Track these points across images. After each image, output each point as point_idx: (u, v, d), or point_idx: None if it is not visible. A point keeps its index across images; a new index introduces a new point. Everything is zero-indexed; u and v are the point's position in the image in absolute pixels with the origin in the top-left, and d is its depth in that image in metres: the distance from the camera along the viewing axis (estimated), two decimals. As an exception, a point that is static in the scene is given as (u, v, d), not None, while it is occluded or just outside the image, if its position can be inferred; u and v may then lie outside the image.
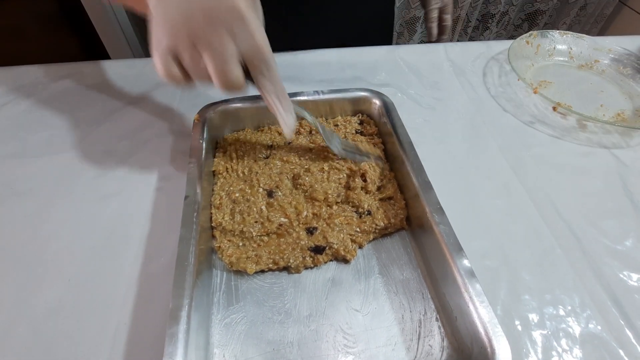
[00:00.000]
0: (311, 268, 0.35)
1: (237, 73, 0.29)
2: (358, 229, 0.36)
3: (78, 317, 0.31)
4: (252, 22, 0.27)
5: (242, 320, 0.31)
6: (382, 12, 0.70)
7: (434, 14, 0.72)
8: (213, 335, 0.30)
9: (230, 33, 0.27)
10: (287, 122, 0.34)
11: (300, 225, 0.36)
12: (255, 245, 0.35)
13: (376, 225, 0.37)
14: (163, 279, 0.33)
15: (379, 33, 0.70)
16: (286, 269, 0.35)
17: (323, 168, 0.40)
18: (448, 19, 0.74)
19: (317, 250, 0.35)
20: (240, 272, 0.34)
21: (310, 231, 0.36)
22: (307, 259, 0.35)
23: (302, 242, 0.35)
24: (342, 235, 0.36)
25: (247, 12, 0.27)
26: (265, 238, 0.36)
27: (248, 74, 0.31)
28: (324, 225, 0.36)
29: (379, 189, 0.39)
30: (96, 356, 0.29)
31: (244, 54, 0.29)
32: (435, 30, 0.73)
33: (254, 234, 0.35)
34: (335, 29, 0.62)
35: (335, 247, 0.35)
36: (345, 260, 0.35)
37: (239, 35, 0.27)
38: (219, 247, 0.35)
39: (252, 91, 0.46)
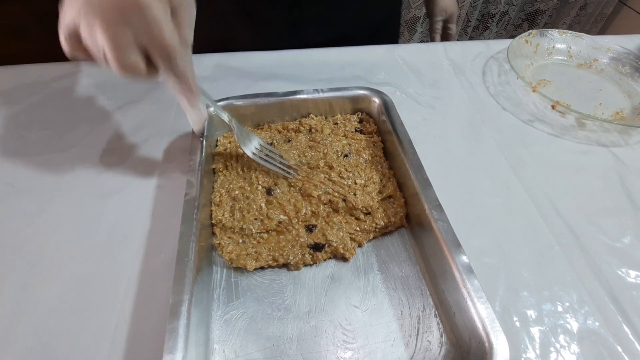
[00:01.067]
0: (310, 265, 0.35)
1: (133, 60, 0.28)
2: (358, 228, 0.36)
3: (79, 314, 0.32)
4: (153, 13, 0.27)
5: (242, 317, 0.32)
6: (389, 12, 0.70)
7: (438, 25, 0.73)
8: (213, 331, 0.31)
9: (126, 21, 0.26)
10: (192, 118, 0.33)
11: (300, 223, 0.36)
12: (255, 242, 0.35)
13: (376, 224, 0.37)
14: (163, 276, 0.33)
15: (386, 32, 0.71)
16: (285, 265, 0.35)
17: (319, 165, 0.40)
18: (453, 28, 0.75)
19: (317, 247, 0.35)
20: (240, 269, 0.34)
21: (309, 229, 0.36)
22: (307, 256, 0.35)
23: (302, 240, 0.35)
24: (341, 234, 0.36)
25: (150, 2, 0.26)
26: (265, 235, 0.36)
27: None
28: (323, 223, 0.37)
29: (379, 191, 0.39)
30: (97, 352, 0.29)
31: (144, 46, 0.28)
32: (438, 39, 0.73)
33: (254, 231, 0.35)
34: (342, 28, 0.62)
35: (335, 245, 0.35)
36: (345, 259, 0.36)
37: (136, 26, 0.27)
38: (219, 244, 0.35)
39: (251, 90, 0.46)
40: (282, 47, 0.60)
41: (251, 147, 0.39)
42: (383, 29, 0.70)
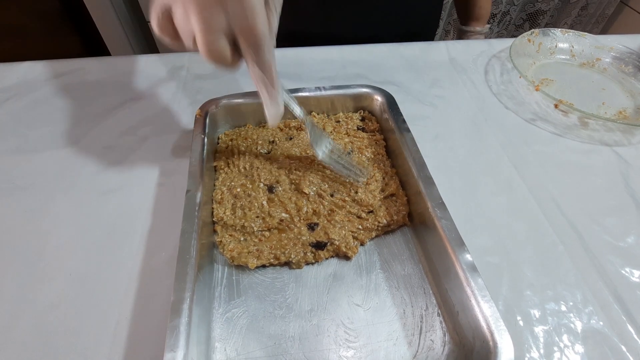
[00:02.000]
0: (312, 264, 0.35)
1: (221, 46, 0.28)
2: (360, 227, 0.36)
3: (79, 312, 0.31)
4: (253, 4, 0.26)
5: (243, 315, 0.31)
6: (426, 19, 0.71)
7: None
8: (214, 330, 0.30)
9: (222, 5, 0.26)
10: (270, 112, 0.33)
11: (302, 221, 0.36)
12: (256, 240, 0.35)
13: (379, 222, 0.36)
14: (164, 274, 0.33)
15: (426, 29, 0.72)
16: (287, 264, 0.35)
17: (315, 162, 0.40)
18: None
19: (319, 246, 0.35)
20: (242, 267, 0.34)
21: (311, 227, 0.36)
22: (309, 254, 0.35)
23: (304, 238, 0.35)
24: (343, 232, 0.36)
25: None
26: (267, 233, 0.36)
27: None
28: (325, 221, 0.36)
29: (382, 190, 0.39)
30: (97, 349, 0.29)
31: (235, 32, 0.28)
32: None
33: (255, 229, 0.35)
34: (374, 29, 0.63)
35: (337, 243, 0.35)
36: (347, 257, 0.35)
37: (231, 11, 0.26)
38: (220, 241, 0.35)
39: (254, 87, 0.46)
40: (312, 39, 0.61)
41: (322, 147, 0.38)
42: (419, 35, 0.70)
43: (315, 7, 0.60)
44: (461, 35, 0.77)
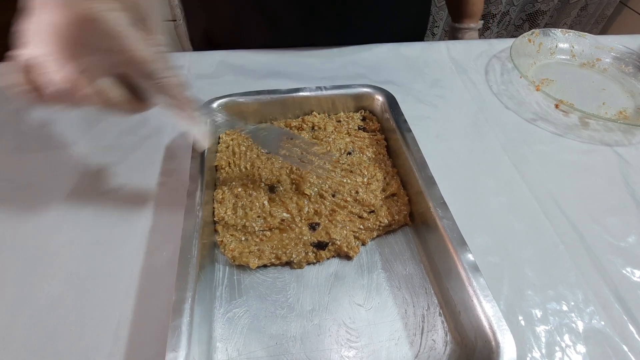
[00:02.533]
0: (314, 264, 0.35)
1: (108, 89, 0.25)
2: (361, 226, 0.36)
3: (80, 311, 0.31)
4: (112, 25, 0.22)
5: (244, 315, 0.31)
6: (419, 12, 0.70)
7: None
8: (216, 329, 0.30)
9: (88, 44, 0.23)
10: (196, 134, 0.30)
11: (303, 221, 0.36)
12: (257, 239, 0.35)
13: (380, 222, 0.36)
14: (165, 273, 0.33)
15: (415, 31, 0.71)
16: (289, 264, 0.35)
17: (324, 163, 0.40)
18: None
19: (320, 245, 0.35)
20: (243, 267, 0.34)
21: (312, 227, 0.36)
22: (310, 254, 0.35)
23: (305, 238, 0.35)
24: (345, 232, 0.36)
25: (106, 14, 0.22)
26: (268, 233, 0.35)
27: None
28: (327, 221, 0.36)
29: (383, 189, 0.39)
30: (99, 349, 0.29)
31: (118, 68, 0.25)
32: None
33: (257, 228, 0.35)
34: (373, 26, 0.62)
35: (338, 243, 0.35)
36: (348, 257, 0.35)
37: (100, 46, 0.23)
38: (222, 241, 0.34)
39: (254, 87, 0.46)
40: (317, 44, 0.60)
41: (278, 147, 0.36)
42: (412, 26, 0.69)
43: (296, 25, 0.59)
44: (454, 33, 0.75)
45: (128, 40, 0.23)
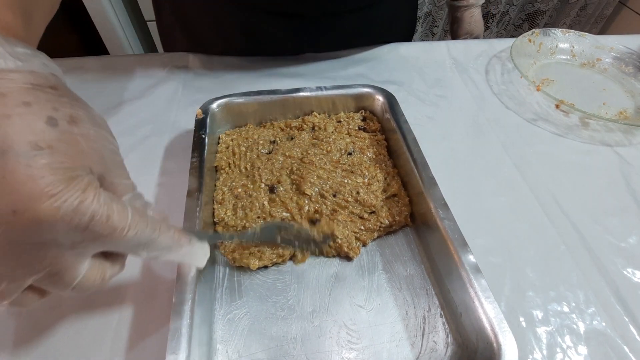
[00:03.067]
0: (315, 260, 0.35)
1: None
2: (362, 227, 0.36)
3: (79, 312, 0.31)
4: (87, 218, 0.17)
5: (245, 316, 0.31)
6: (405, 8, 0.67)
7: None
8: (216, 331, 0.30)
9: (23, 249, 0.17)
10: (196, 262, 0.26)
11: (303, 219, 0.36)
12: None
13: (381, 223, 0.36)
14: (165, 274, 0.33)
15: (402, 31, 0.69)
16: (292, 258, 0.35)
17: (325, 163, 0.40)
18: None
19: (323, 239, 0.34)
20: (243, 268, 0.34)
21: (313, 222, 0.36)
22: (312, 247, 0.34)
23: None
24: (346, 232, 0.35)
25: (40, 196, 0.16)
26: (268, 234, 0.35)
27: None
28: (328, 220, 0.36)
29: (384, 190, 0.39)
30: (98, 351, 0.29)
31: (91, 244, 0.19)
32: None
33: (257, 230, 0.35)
34: (359, 29, 0.60)
35: (339, 241, 0.35)
36: (349, 258, 0.35)
37: (34, 244, 0.17)
38: (222, 242, 0.34)
39: (254, 87, 0.46)
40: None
41: (276, 237, 0.33)
42: (399, 26, 0.67)
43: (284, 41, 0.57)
44: (453, 12, 0.71)
45: (105, 222, 0.18)
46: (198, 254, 0.26)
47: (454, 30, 0.74)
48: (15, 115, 0.16)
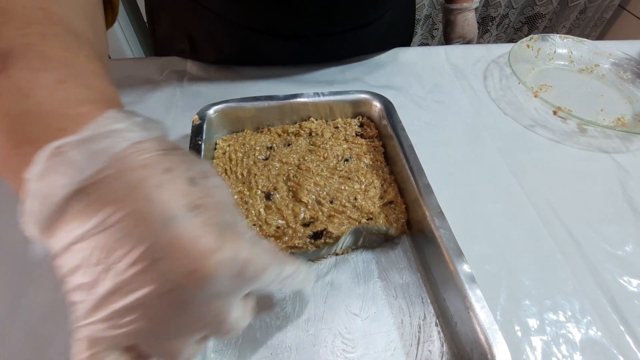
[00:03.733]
0: (313, 261, 0.35)
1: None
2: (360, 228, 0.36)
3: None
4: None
5: (239, 324, 0.31)
6: (404, 14, 0.67)
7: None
8: (210, 340, 0.30)
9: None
10: (304, 285, 0.26)
11: (297, 224, 0.36)
12: None
13: (378, 229, 0.36)
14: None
15: (400, 36, 0.68)
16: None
17: (322, 169, 0.40)
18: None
19: (316, 236, 0.34)
20: (239, 275, 0.34)
21: (306, 225, 0.36)
22: (309, 246, 0.34)
23: (299, 234, 0.34)
24: (342, 228, 0.35)
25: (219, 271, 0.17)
26: (264, 241, 0.35)
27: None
28: (325, 219, 0.36)
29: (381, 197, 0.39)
30: None
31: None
32: None
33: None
34: (358, 44, 0.59)
35: (334, 236, 0.34)
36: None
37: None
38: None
39: (251, 92, 0.46)
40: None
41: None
42: (397, 32, 0.66)
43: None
44: (447, 14, 0.71)
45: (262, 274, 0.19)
46: (308, 277, 0.26)
47: (446, 33, 0.73)
48: (164, 184, 0.17)
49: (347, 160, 0.42)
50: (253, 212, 0.36)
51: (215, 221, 0.18)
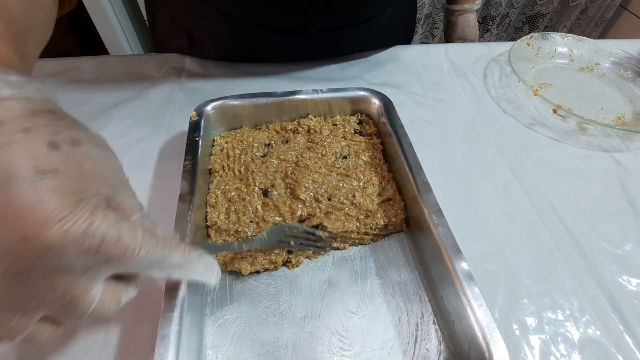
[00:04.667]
0: (309, 258, 0.35)
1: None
2: (357, 224, 0.36)
3: (68, 316, 0.31)
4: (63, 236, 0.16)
5: (236, 321, 0.31)
6: (405, 13, 0.67)
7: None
8: (206, 336, 0.30)
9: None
10: (203, 278, 0.25)
11: (294, 221, 0.36)
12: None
13: (376, 224, 0.36)
14: (156, 279, 0.33)
15: (401, 34, 0.68)
16: (285, 264, 0.35)
17: (320, 166, 0.39)
18: None
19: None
20: (235, 272, 0.33)
21: (302, 221, 0.35)
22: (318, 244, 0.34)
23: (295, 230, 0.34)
24: (338, 224, 0.35)
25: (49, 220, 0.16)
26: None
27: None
28: (322, 215, 0.36)
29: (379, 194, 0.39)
30: (87, 357, 0.29)
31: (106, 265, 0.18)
32: None
33: (249, 233, 0.35)
34: (359, 40, 0.59)
35: (329, 230, 0.34)
36: (339, 249, 0.35)
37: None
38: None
39: (249, 89, 0.45)
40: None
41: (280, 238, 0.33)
42: (398, 30, 0.66)
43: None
44: (448, 16, 0.71)
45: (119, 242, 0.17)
46: (208, 269, 0.25)
47: (447, 34, 0.73)
48: (16, 142, 0.16)
49: (345, 157, 0.41)
50: (250, 209, 0.36)
51: (71, 189, 0.16)
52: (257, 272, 0.34)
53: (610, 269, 0.37)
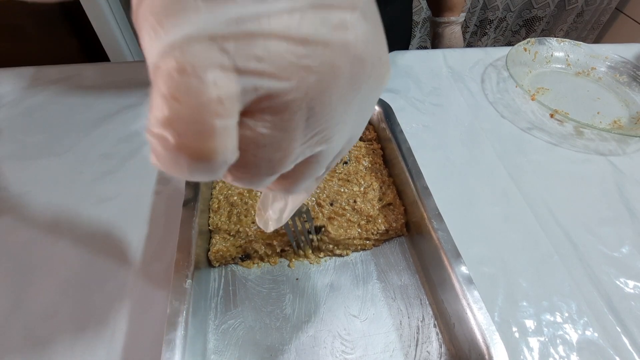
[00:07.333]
0: (311, 263, 0.36)
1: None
2: (359, 230, 0.36)
3: (74, 322, 0.31)
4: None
5: (239, 326, 0.31)
6: (400, 19, 0.67)
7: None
8: (210, 341, 0.30)
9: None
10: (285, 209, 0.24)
11: (297, 223, 0.36)
12: (249, 239, 0.35)
13: (377, 229, 0.37)
14: (160, 284, 0.33)
15: (398, 40, 0.68)
16: (284, 252, 0.36)
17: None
18: None
19: (315, 231, 0.35)
20: (239, 278, 0.34)
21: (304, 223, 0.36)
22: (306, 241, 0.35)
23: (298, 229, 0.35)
24: (341, 231, 0.35)
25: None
26: (261, 240, 0.35)
27: None
28: (325, 220, 0.36)
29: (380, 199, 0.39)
30: (92, 362, 0.29)
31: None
32: None
33: (249, 233, 0.35)
34: None
35: (331, 236, 0.35)
36: (342, 256, 0.36)
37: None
38: (216, 250, 0.34)
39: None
40: None
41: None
42: (395, 34, 0.67)
43: None
44: (434, 28, 0.72)
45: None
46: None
47: (434, 45, 0.75)
48: None
49: (346, 162, 0.42)
50: (253, 212, 0.36)
51: None
52: (261, 277, 0.34)
53: (608, 272, 0.37)
